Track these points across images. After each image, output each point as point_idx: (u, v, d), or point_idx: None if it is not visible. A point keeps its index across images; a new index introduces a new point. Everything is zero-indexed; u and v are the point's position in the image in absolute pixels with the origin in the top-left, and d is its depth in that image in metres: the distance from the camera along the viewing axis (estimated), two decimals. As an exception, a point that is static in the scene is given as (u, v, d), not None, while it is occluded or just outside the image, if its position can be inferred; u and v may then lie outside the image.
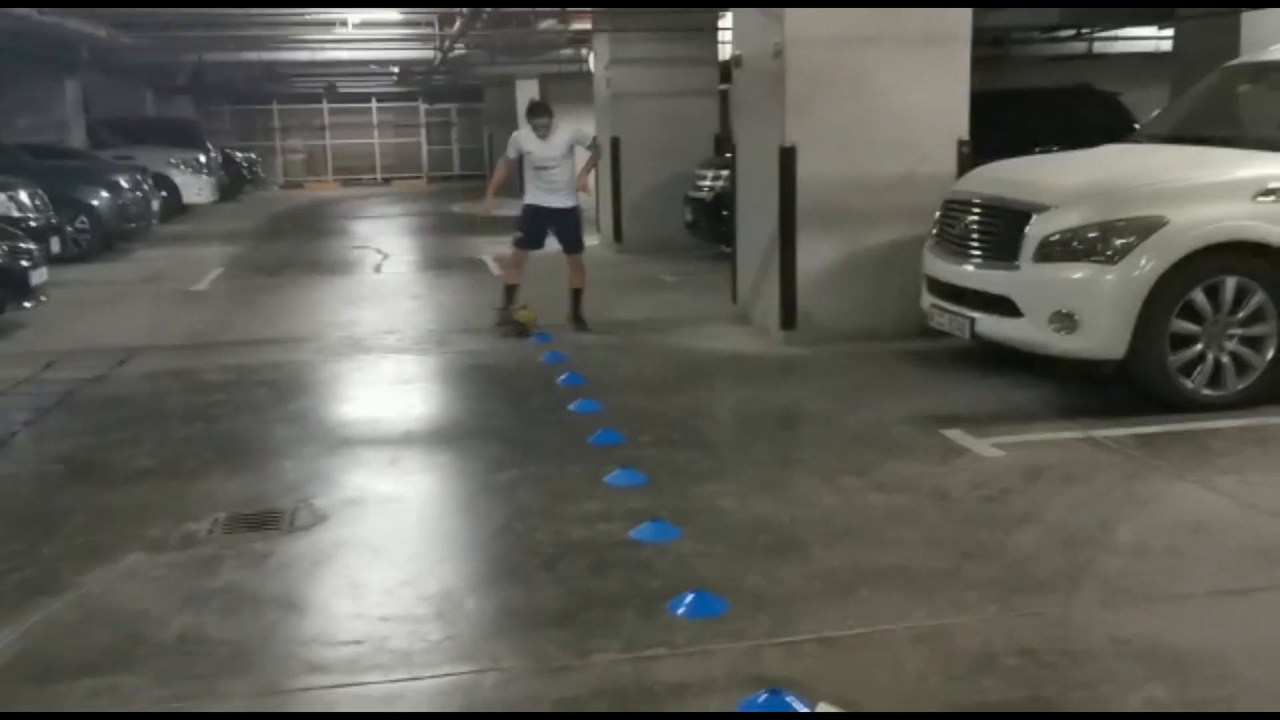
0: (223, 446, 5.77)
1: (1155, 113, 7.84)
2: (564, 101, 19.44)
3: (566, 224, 8.51)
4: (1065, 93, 12.72)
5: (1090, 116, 10.97)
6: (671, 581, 3.90)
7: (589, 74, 15.24)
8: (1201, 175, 5.95)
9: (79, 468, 5.49)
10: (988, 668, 3.27)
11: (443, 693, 3.24)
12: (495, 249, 12.84)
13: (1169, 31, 14.49)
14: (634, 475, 5.06)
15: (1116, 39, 16.80)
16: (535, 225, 8.51)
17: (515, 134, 8.55)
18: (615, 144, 13.70)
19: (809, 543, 4.28)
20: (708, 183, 12.12)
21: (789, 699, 3.04)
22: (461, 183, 32.19)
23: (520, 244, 8.61)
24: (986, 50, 16.52)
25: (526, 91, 23.12)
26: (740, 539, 4.34)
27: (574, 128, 8.72)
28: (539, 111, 8.48)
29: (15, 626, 3.69)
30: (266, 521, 4.64)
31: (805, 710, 3.01)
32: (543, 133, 8.28)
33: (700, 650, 3.42)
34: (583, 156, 8.72)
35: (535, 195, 8.43)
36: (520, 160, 8.47)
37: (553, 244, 8.72)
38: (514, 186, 9.06)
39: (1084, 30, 16.32)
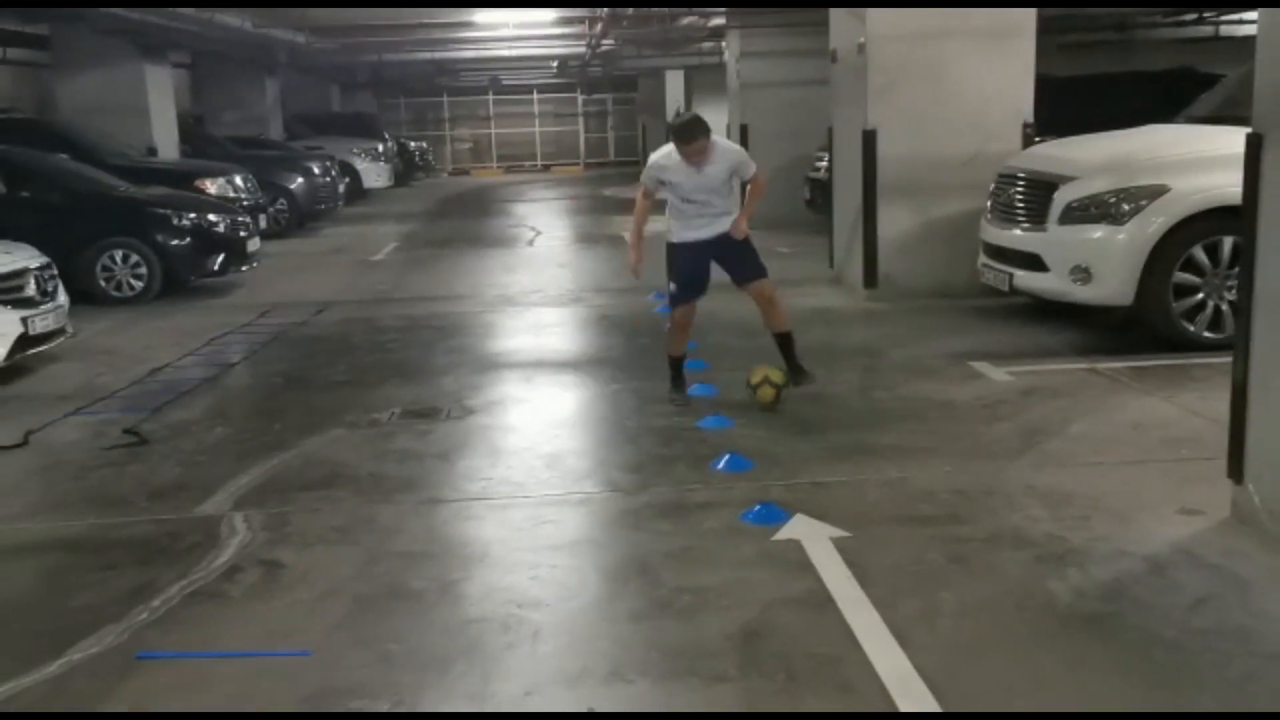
0: (397, 368, 7.45)
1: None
2: (706, 91, 20.95)
3: (734, 247, 6.15)
4: (1168, 75, 13.35)
5: (1192, 98, 11.69)
6: (718, 451, 5.29)
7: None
8: (1203, 149, 6.95)
9: (293, 380, 7.26)
10: (926, 499, 4.57)
11: (544, 504, 4.73)
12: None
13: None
14: (709, 389, 6.49)
15: (1242, 23, 17.10)
16: (694, 264, 6.17)
17: (655, 159, 6.14)
18: (744, 130, 15.01)
19: (829, 430, 5.63)
20: (824, 164, 13.26)
21: (775, 508, 4.44)
22: (616, 168, 34.00)
23: (678, 299, 6.23)
24: (1108, 35, 17.18)
25: (675, 83, 24.38)
26: (778, 427, 5.72)
27: (736, 153, 6.15)
28: (692, 131, 5.83)
29: (262, 466, 5.38)
30: (430, 413, 6.26)
31: (785, 515, 4.39)
32: (697, 160, 5.88)
33: (726, 487, 4.83)
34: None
35: (687, 229, 6.14)
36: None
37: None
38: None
39: (1206, 14, 16.73)
